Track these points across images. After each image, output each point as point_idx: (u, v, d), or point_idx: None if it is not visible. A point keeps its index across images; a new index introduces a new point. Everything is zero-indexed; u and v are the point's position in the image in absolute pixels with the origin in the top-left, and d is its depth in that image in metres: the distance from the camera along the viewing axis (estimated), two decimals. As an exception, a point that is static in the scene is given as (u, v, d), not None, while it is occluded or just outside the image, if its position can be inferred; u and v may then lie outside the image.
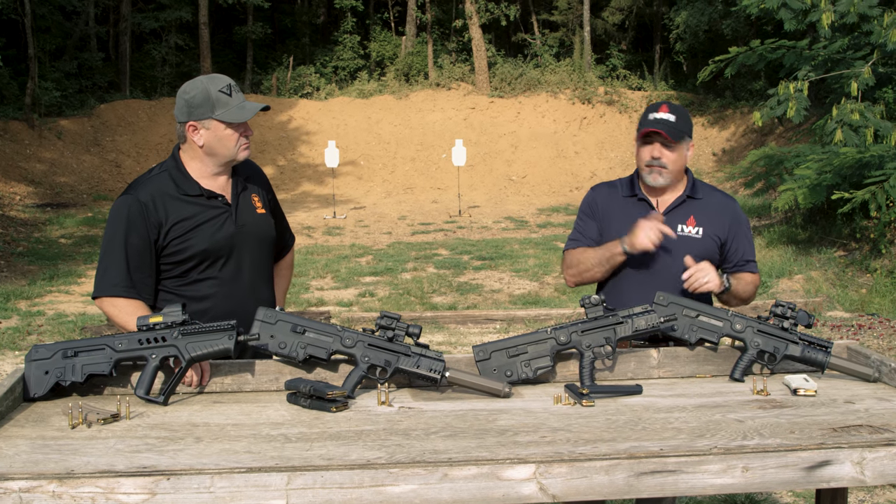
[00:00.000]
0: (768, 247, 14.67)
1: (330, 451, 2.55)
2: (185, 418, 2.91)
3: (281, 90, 33.02)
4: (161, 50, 33.61)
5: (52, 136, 25.82)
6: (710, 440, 2.62)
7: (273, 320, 3.21)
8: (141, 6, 33.69)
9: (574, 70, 31.85)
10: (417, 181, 27.15)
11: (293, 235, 4.09)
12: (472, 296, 12.92)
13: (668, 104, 3.92)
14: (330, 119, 30.15)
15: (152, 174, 3.56)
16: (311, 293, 13.28)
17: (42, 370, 3.10)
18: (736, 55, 15.79)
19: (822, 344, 3.34)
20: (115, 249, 3.42)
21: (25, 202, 21.42)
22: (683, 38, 29.65)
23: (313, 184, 26.88)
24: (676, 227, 3.86)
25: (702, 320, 3.39)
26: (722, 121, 27.28)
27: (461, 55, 35.14)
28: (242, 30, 35.12)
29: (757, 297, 11.84)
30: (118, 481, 2.36)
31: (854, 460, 2.56)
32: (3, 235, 17.37)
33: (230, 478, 2.38)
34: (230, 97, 3.45)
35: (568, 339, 3.29)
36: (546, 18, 36.18)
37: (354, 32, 36.43)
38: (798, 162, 14.28)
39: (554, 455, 2.50)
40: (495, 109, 30.38)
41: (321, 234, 19.26)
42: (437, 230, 19.56)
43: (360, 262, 15.71)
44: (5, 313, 11.85)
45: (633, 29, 35.58)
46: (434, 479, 2.43)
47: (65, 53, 31.12)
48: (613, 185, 4.07)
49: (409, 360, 3.17)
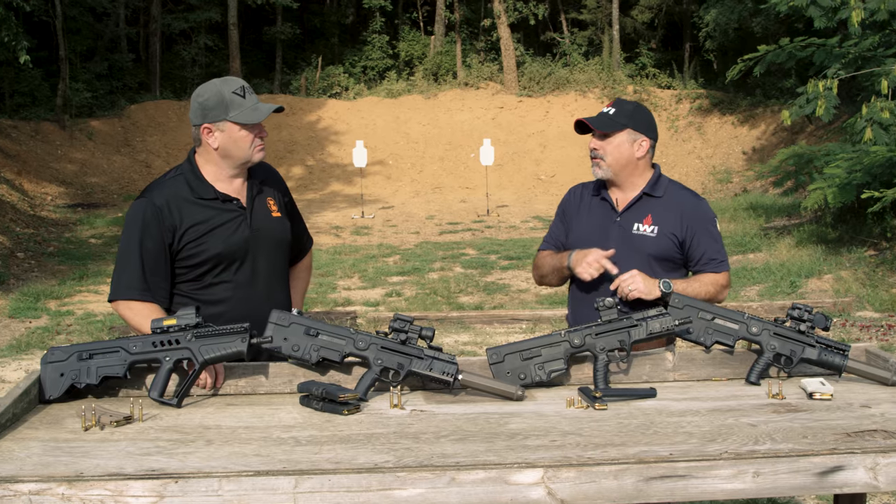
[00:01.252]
0: (797, 246, 14.54)
1: (339, 454, 2.56)
2: (198, 421, 2.92)
3: (310, 90, 33.11)
4: (191, 51, 33.80)
5: (82, 137, 26.04)
6: (721, 445, 2.60)
7: (286, 323, 3.22)
8: (171, 7, 33.90)
9: (603, 69, 31.72)
10: (446, 181, 27.15)
11: (311, 238, 4.09)
12: (498, 295, 12.90)
13: (618, 100, 3.98)
14: (358, 119, 30.20)
15: (167, 178, 3.58)
16: (339, 293, 13.31)
17: (57, 372, 3.12)
18: (765, 53, 15.66)
19: (839, 347, 3.31)
20: (130, 253, 3.45)
21: (56, 202, 21.61)
22: (713, 36, 29.42)
23: (342, 183, 26.94)
24: (633, 226, 3.89)
25: (717, 323, 3.36)
26: (752, 119, 27.06)
27: (490, 54, 35.09)
28: (271, 30, 35.23)
29: (786, 298, 11.77)
30: (127, 484, 2.37)
31: (867, 466, 2.53)
32: (34, 235, 17.53)
33: (238, 481, 2.39)
34: (244, 99, 3.46)
35: (582, 342, 3.28)
36: (575, 17, 36.06)
37: (383, 32, 36.45)
38: (828, 161, 14.15)
39: (562, 459, 2.49)
40: (524, 109, 30.31)
41: (349, 233, 19.31)
42: (465, 230, 19.55)
43: (387, 262, 15.73)
44: (35, 313, 11.96)
45: (662, 27, 35.39)
46: (442, 484, 2.42)
47: (95, 55, 31.38)
48: (587, 186, 4.13)
49: (421, 362, 3.16)
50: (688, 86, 30.58)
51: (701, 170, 25.80)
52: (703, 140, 27.38)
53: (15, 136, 24.05)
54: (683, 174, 25.75)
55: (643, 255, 3.82)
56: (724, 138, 27.03)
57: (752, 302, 11.52)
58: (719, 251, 3.93)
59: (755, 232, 16.37)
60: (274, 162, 27.48)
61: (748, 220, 17.64)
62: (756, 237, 15.91)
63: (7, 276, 14.33)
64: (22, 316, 11.81)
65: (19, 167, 22.34)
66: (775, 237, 15.59)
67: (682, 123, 28.39)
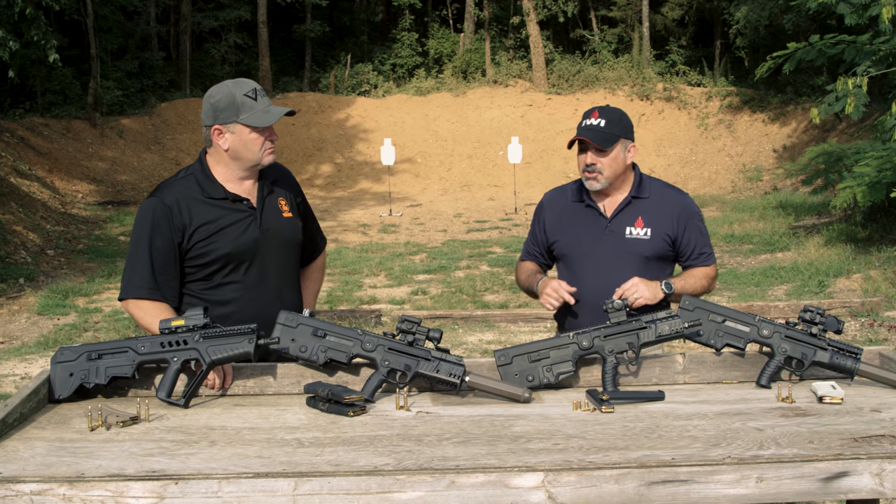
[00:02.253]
0: (826, 245, 14.42)
1: (340, 456, 2.56)
2: (203, 421, 2.93)
3: (339, 88, 33.18)
4: (220, 49, 33.99)
5: (113, 135, 26.24)
6: (724, 449, 2.58)
7: (294, 324, 3.22)
8: (201, 5, 34.11)
9: (632, 66, 31.57)
10: (474, 178, 27.13)
11: (325, 238, 4.09)
12: (524, 294, 12.87)
13: (600, 109, 3.93)
14: (387, 117, 30.24)
15: (178, 177, 3.59)
16: (364, 291, 13.34)
17: (67, 372, 3.15)
18: (795, 51, 15.53)
19: (851, 350, 3.27)
20: (140, 252, 3.47)
21: (87, 200, 21.79)
22: (744, 33, 29.21)
23: (370, 181, 26.98)
24: (625, 231, 3.88)
25: (728, 325, 3.34)
26: (783, 117, 26.84)
27: (519, 52, 35.04)
28: (301, 28, 35.34)
29: (814, 298, 11.67)
30: (127, 485, 2.39)
31: (873, 472, 2.50)
32: (63, 233, 17.68)
33: (238, 483, 2.40)
34: (255, 101, 3.47)
35: (590, 344, 3.26)
36: (605, 14, 35.92)
37: (412, 30, 36.47)
38: (857, 159, 14.01)
39: (563, 463, 2.48)
40: (553, 106, 30.23)
41: (377, 231, 19.34)
42: (493, 228, 19.53)
43: (413, 260, 15.74)
44: (63, 310, 12.07)
45: (693, 24, 35.17)
46: (441, 487, 2.42)
47: (126, 53, 31.64)
48: (564, 191, 4.12)
49: (428, 364, 3.16)
50: (718, 83, 30.36)
51: (731, 168, 25.62)
52: (733, 138, 27.19)
53: (46, 133, 24.26)
54: (713, 172, 25.60)
55: (638, 258, 3.85)
56: (754, 136, 26.83)
57: (779, 301, 11.45)
58: (706, 244, 3.99)
59: (784, 231, 16.26)
60: (303, 159, 27.80)
61: (777, 218, 17.52)
62: (785, 236, 15.80)
63: (37, 273, 14.48)
64: (50, 313, 11.93)
65: (51, 165, 22.54)
66: (804, 236, 15.47)
67: (711, 121, 28.20)
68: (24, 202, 18.22)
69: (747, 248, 15.51)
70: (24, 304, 12.45)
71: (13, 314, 11.98)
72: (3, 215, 16.52)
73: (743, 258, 14.80)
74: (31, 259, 15.36)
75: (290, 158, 27.83)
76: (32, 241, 16.47)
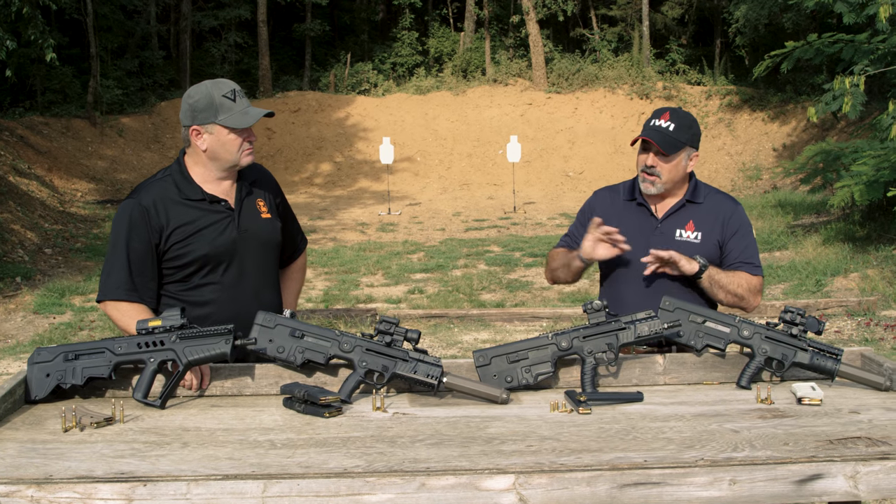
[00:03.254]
0: (824, 244, 14.40)
1: (311, 458, 2.54)
2: (178, 423, 2.91)
3: (339, 87, 33.18)
4: (220, 48, 34.02)
5: (113, 134, 26.26)
6: (698, 451, 2.56)
7: (272, 324, 3.21)
8: (201, 4, 34.12)
9: (632, 65, 31.56)
10: (474, 177, 27.12)
11: (305, 238, 4.08)
12: (521, 293, 12.88)
13: (672, 111, 3.83)
14: (387, 115, 30.23)
15: (156, 178, 3.59)
16: (361, 290, 13.33)
17: (43, 373, 3.13)
18: (792, 49, 15.51)
19: (831, 351, 3.25)
20: (117, 253, 3.46)
21: (86, 198, 21.78)
22: (743, 32, 29.20)
23: (370, 180, 26.98)
24: (675, 233, 3.82)
25: (708, 326, 3.32)
26: (783, 116, 26.83)
27: (519, 51, 35.04)
28: (301, 27, 35.35)
29: (811, 297, 11.64)
30: (95, 487, 2.37)
31: (847, 474, 2.48)
32: (62, 231, 17.68)
33: (206, 485, 2.38)
34: (234, 102, 3.46)
35: (569, 345, 3.24)
36: (605, 13, 35.90)
37: (413, 29, 36.48)
38: (855, 158, 13.99)
39: (535, 465, 2.46)
40: (552, 105, 30.22)
41: (375, 230, 19.33)
42: (491, 227, 19.51)
43: (411, 259, 15.73)
44: (59, 308, 12.06)
45: (693, 23, 35.14)
46: (411, 489, 2.40)
47: (126, 52, 31.65)
48: (615, 190, 4.04)
49: (406, 365, 3.14)
50: (718, 82, 30.35)
51: (730, 166, 25.61)
52: (732, 137, 27.17)
53: (46, 132, 24.27)
54: (713, 171, 25.58)
55: None
56: (754, 135, 26.81)
57: (775, 300, 11.42)
58: (754, 256, 3.89)
59: (782, 230, 16.24)
60: (303, 158, 27.80)
61: (776, 217, 17.50)
62: (783, 235, 15.78)
63: (34, 271, 14.48)
64: (46, 311, 11.93)
65: (50, 163, 22.54)
66: (802, 235, 15.45)
67: (711, 120, 28.19)
68: (23, 201, 18.22)
69: (745, 247, 15.46)
70: (20, 303, 12.45)
71: (9, 313, 11.97)
72: (1, 214, 16.53)
73: (740, 257, 14.75)
74: (28, 258, 15.35)
75: (290, 157, 27.83)
76: (30, 239, 16.46)
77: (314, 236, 18.48)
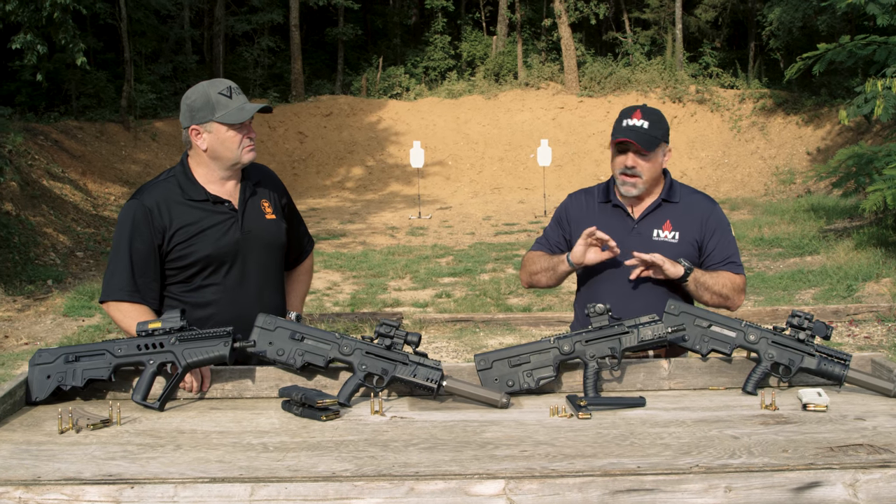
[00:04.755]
0: (857, 249, 14.21)
1: (301, 461, 2.52)
2: (175, 425, 2.91)
3: (371, 91, 33.24)
4: (253, 52, 34.18)
5: (146, 138, 26.44)
6: (694, 458, 2.51)
7: (272, 327, 3.20)
8: (234, 9, 34.31)
9: (665, 68, 31.36)
10: (505, 181, 27.07)
11: (312, 240, 4.07)
12: (549, 297, 12.80)
13: (642, 109, 3.77)
14: (419, 119, 30.25)
15: (160, 179, 3.59)
16: (388, 293, 13.32)
17: (44, 374, 3.14)
18: (824, 52, 15.33)
19: (839, 357, 3.19)
20: (120, 254, 3.46)
21: (119, 202, 21.92)
22: (777, 34, 28.92)
23: (401, 184, 27.00)
24: (652, 233, 3.76)
25: (714, 330, 3.27)
26: (817, 119, 26.52)
27: (551, 54, 34.93)
28: (334, 31, 35.45)
29: (841, 302, 11.48)
30: (83, 489, 2.36)
31: (846, 482, 2.42)
32: (93, 235, 17.81)
33: (194, 488, 2.37)
34: (230, 99, 3.46)
35: (571, 349, 3.20)
36: (638, 16, 35.72)
37: (445, 33, 36.49)
38: (888, 161, 13.79)
39: (526, 471, 2.43)
40: (584, 109, 30.11)
41: (404, 234, 19.33)
42: (521, 231, 19.45)
43: (440, 263, 15.70)
44: (88, 311, 12.14)
45: (727, 26, 34.89)
46: (400, 493, 2.37)
47: (160, 56, 31.89)
48: (590, 192, 3.99)
49: (406, 368, 3.12)
50: (751, 85, 30.08)
51: (764, 170, 25.36)
52: (766, 140, 26.91)
53: (81, 136, 24.47)
54: (745, 175, 25.36)
55: None
56: (787, 139, 26.54)
57: (805, 305, 11.29)
58: (735, 254, 3.83)
59: (814, 234, 16.06)
60: (334, 162, 27.87)
61: (808, 221, 17.31)
62: (815, 239, 15.61)
63: (65, 274, 14.60)
64: (76, 314, 12.01)
65: (84, 167, 22.73)
66: (835, 239, 15.27)
67: (744, 123, 27.94)
68: (56, 204, 18.38)
69: (776, 252, 15.33)
70: (50, 306, 12.55)
71: (39, 315, 12.08)
72: (34, 217, 16.69)
73: (771, 262, 14.62)
74: (59, 261, 15.49)
75: (322, 161, 27.91)
76: (62, 242, 16.61)
77: (344, 240, 18.52)
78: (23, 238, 15.69)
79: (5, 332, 11.13)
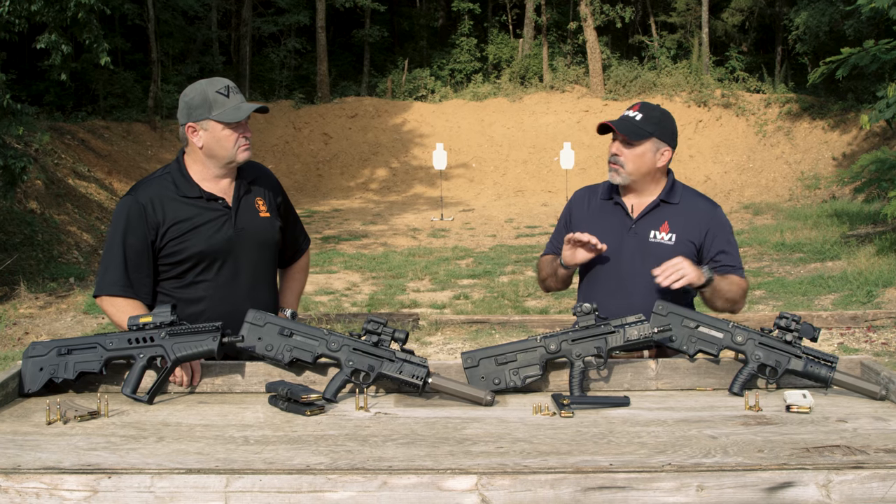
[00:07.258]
0: (878, 255, 14.11)
1: (278, 454, 2.55)
2: (161, 418, 2.95)
3: (396, 93, 33.33)
4: (280, 53, 34.37)
5: (172, 138, 26.64)
6: (668, 457, 2.52)
7: (261, 322, 3.23)
8: (261, 10, 34.49)
9: (691, 72, 31.25)
10: (528, 184, 27.07)
11: (308, 238, 4.11)
12: (566, 300, 12.78)
13: (643, 104, 3.82)
14: (443, 122, 30.30)
15: (155, 176, 3.64)
16: (407, 294, 13.36)
17: (37, 367, 3.19)
18: (848, 56, 15.23)
19: (826, 359, 3.18)
20: (114, 249, 3.51)
21: (144, 202, 22.09)
22: (804, 39, 28.76)
23: (425, 186, 27.06)
24: (649, 233, 3.77)
25: (701, 331, 3.27)
26: (843, 124, 26.34)
27: (576, 58, 34.89)
28: (360, 33, 35.58)
29: (860, 308, 11.41)
30: (62, 478, 2.40)
31: (819, 483, 2.42)
32: (117, 234, 17.92)
33: (170, 478, 2.40)
34: (227, 98, 3.50)
35: (558, 348, 3.22)
36: (664, 20, 35.61)
37: (471, 35, 36.52)
38: (911, 167, 13.72)
39: (499, 467, 2.44)
40: (609, 112, 30.01)
41: (426, 236, 19.38)
42: (542, 233, 19.44)
43: (459, 265, 15.73)
44: (107, 309, 12.22)
45: (754, 30, 34.72)
46: (373, 487, 2.40)
47: (187, 57, 32.14)
48: (594, 189, 4.01)
49: (392, 365, 3.14)
50: (777, 90, 29.91)
51: (789, 175, 25.22)
52: (791, 145, 26.76)
53: (107, 136, 24.71)
54: (770, 179, 25.22)
55: (657, 263, 3.69)
56: (813, 143, 26.38)
57: (824, 311, 11.22)
58: (737, 258, 3.83)
59: (836, 239, 15.96)
60: (359, 163, 27.96)
61: (830, 227, 17.21)
62: (836, 245, 15.51)
63: (87, 272, 14.73)
64: (96, 312, 12.11)
65: (110, 167, 22.94)
66: (856, 245, 15.17)
67: (770, 128, 27.79)
68: (80, 203, 18.56)
69: (797, 257, 15.25)
70: (71, 303, 12.67)
71: (60, 312, 12.19)
72: (59, 216, 16.85)
73: (792, 267, 14.55)
74: (82, 259, 15.64)
75: (346, 162, 28.00)
76: (86, 241, 16.77)
77: (365, 241, 18.58)
78: (46, 236, 15.85)
79: (26, 328, 11.26)
